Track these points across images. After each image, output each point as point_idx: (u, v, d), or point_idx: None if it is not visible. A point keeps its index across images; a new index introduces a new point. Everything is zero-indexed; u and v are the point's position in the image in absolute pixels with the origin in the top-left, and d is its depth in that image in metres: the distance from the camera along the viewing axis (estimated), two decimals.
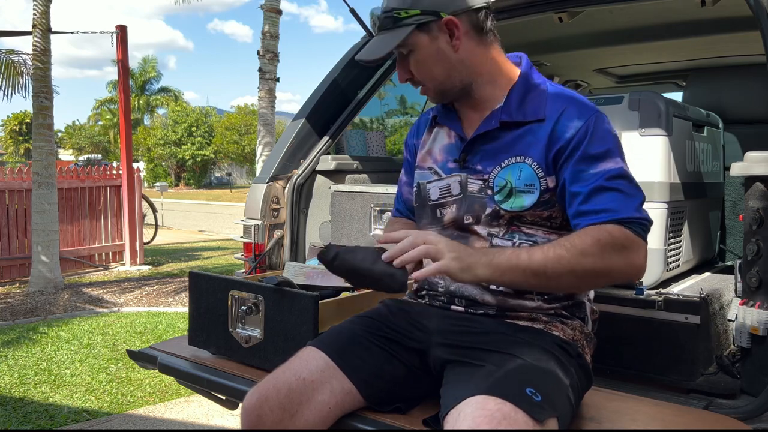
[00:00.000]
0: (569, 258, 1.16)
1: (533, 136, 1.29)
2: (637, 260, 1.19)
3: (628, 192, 1.22)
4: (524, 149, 1.30)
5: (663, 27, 2.72)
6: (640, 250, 1.19)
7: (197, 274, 1.74)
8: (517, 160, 1.30)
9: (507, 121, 1.31)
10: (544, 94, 1.32)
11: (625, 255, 1.18)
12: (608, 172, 1.22)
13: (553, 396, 1.15)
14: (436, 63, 1.32)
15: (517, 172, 1.30)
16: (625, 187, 1.22)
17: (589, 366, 1.33)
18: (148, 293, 6.09)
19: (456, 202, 1.37)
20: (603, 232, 1.18)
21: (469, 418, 1.06)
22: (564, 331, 1.30)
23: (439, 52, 1.31)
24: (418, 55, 1.32)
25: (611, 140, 1.25)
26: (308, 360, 1.30)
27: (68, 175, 7.44)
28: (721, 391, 1.65)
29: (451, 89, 1.35)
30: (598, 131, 1.25)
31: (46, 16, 6.21)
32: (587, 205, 1.22)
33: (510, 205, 1.30)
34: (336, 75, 2.58)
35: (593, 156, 1.23)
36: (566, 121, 1.27)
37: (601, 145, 1.24)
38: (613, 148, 1.25)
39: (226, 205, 21.29)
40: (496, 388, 1.11)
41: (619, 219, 1.19)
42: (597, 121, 1.26)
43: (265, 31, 6.74)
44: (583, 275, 1.18)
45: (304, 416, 1.25)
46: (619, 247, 1.17)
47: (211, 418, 3.10)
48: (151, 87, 40.58)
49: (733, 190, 2.44)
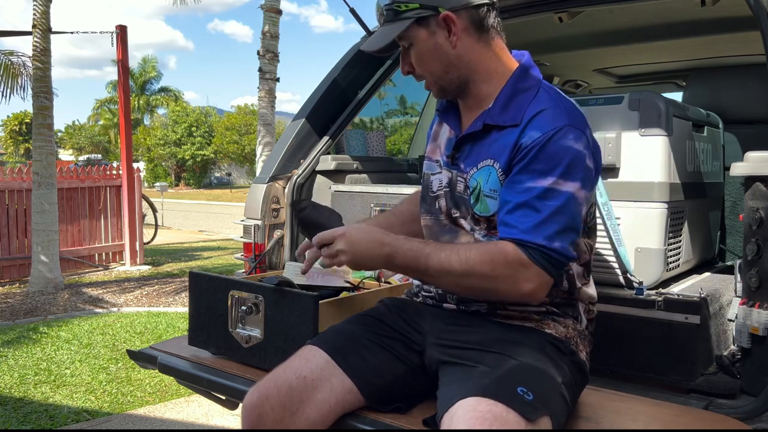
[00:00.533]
0: (459, 271, 1.21)
1: (506, 141, 1.27)
2: (524, 287, 1.18)
3: (548, 217, 1.17)
4: (496, 153, 1.28)
5: (663, 27, 2.72)
6: (530, 277, 1.17)
7: (197, 274, 1.74)
8: (489, 163, 1.29)
9: (489, 124, 1.30)
10: (529, 98, 1.28)
11: (512, 279, 1.18)
12: (540, 191, 1.18)
13: (546, 394, 1.15)
14: (433, 58, 1.32)
15: (486, 175, 1.29)
16: (547, 210, 1.17)
17: (583, 363, 1.32)
18: (148, 293, 6.09)
19: (446, 196, 1.39)
20: (499, 251, 1.18)
21: (461, 420, 1.07)
22: (556, 329, 1.30)
23: (436, 47, 1.31)
24: (417, 49, 1.32)
25: (563, 159, 1.19)
26: (308, 358, 1.30)
27: (68, 175, 7.44)
28: (721, 391, 1.65)
29: (450, 85, 1.35)
30: (553, 146, 1.19)
31: (46, 16, 6.22)
32: (508, 216, 1.21)
33: (479, 208, 1.31)
34: (336, 75, 2.58)
35: (535, 170, 1.20)
36: (530, 129, 1.23)
37: (549, 161, 1.19)
38: (562, 168, 1.18)
39: (226, 205, 21.29)
40: (487, 389, 1.11)
41: (521, 240, 1.18)
42: (557, 136, 1.20)
43: (265, 31, 6.74)
44: (468, 289, 1.26)
45: (305, 414, 1.25)
46: (509, 270, 1.17)
47: (211, 418, 3.10)
48: (151, 87, 40.62)
49: (733, 190, 2.44)
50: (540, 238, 1.17)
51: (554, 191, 1.18)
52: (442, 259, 1.22)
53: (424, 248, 1.25)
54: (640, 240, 1.86)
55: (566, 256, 1.20)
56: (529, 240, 1.17)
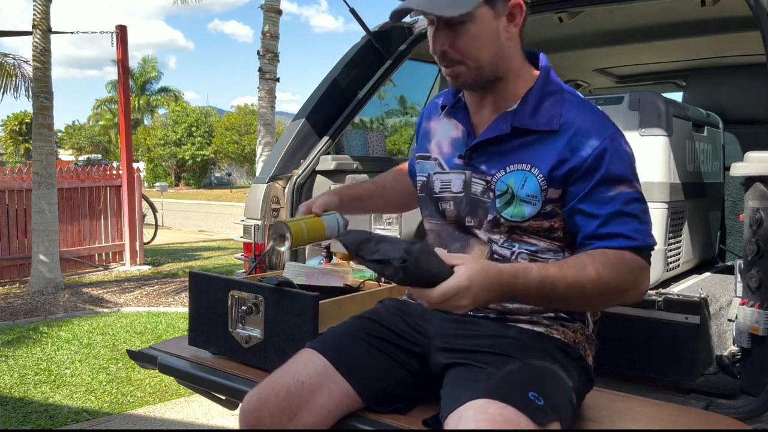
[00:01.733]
0: (591, 290, 1.14)
1: (544, 147, 1.24)
2: (645, 286, 1.21)
3: (643, 219, 1.21)
4: (533, 158, 1.24)
5: (663, 27, 2.72)
6: (646, 277, 1.22)
7: (197, 274, 1.74)
8: (524, 167, 1.25)
9: (519, 127, 1.26)
10: (560, 103, 1.26)
11: (636, 284, 1.19)
12: (626, 196, 1.21)
13: (556, 400, 1.14)
14: (487, 43, 1.23)
15: (521, 180, 1.25)
16: (641, 213, 1.21)
17: (590, 368, 1.32)
18: (148, 293, 6.09)
19: (456, 200, 1.34)
20: (621, 262, 1.18)
21: (471, 421, 1.05)
22: (565, 334, 1.29)
23: (495, 33, 1.23)
24: (475, 28, 1.21)
25: (629, 162, 1.23)
26: (307, 362, 1.29)
27: (68, 175, 7.44)
28: (721, 391, 1.65)
29: (488, 76, 1.26)
30: (618, 152, 1.22)
31: (46, 16, 6.21)
32: (605, 228, 1.20)
33: (510, 213, 1.26)
34: (336, 75, 2.58)
35: (612, 179, 1.21)
36: (582, 137, 1.21)
37: (620, 167, 1.21)
38: (631, 171, 1.23)
39: (226, 205, 21.29)
40: (498, 392, 1.10)
41: (635, 246, 1.19)
42: (616, 142, 1.22)
43: (265, 31, 6.74)
44: (596, 305, 1.26)
45: (303, 419, 1.24)
46: (633, 276, 1.19)
47: (211, 418, 3.10)
48: (151, 87, 40.58)
49: (733, 190, 2.44)
50: (648, 239, 1.21)
51: (634, 193, 1.22)
52: (570, 283, 1.13)
53: (547, 277, 1.12)
54: None
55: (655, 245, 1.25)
56: (640, 244, 1.20)
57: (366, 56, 2.60)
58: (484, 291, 1.07)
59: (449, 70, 1.27)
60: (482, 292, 1.07)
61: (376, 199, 1.64)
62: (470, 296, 1.05)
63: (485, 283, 1.07)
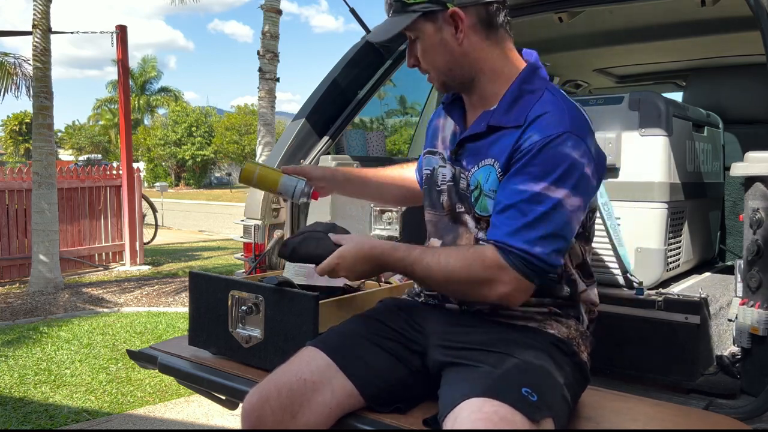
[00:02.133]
0: (440, 278, 1.25)
1: (506, 141, 1.26)
2: (500, 290, 1.19)
3: (532, 222, 1.17)
4: (497, 153, 1.27)
5: (663, 27, 2.72)
6: (507, 281, 1.18)
7: (197, 274, 1.74)
8: (489, 162, 1.28)
9: (493, 125, 1.29)
10: (534, 100, 1.27)
11: (489, 283, 1.19)
12: (529, 195, 1.18)
13: (549, 395, 1.14)
14: (439, 53, 1.31)
15: (486, 174, 1.28)
16: (533, 215, 1.17)
17: (585, 364, 1.32)
18: (148, 293, 6.09)
19: (449, 192, 1.39)
20: (477, 256, 1.21)
21: (466, 421, 1.06)
22: (559, 330, 1.30)
23: (442, 43, 1.30)
24: (423, 42, 1.32)
25: (559, 165, 1.17)
26: (309, 360, 1.30)
27: (68, 175, 7.45)
28: (721, 391, 1.65)
29: (453, 81, 1.35)
30: (550, 151, 1.18)
31: (46, 16, 6.21)
32: (495, 217, 1.23)
33: (480, 207, 1.30)
34: (336, 75, 2.58)
35: (529, 173, 1.19)
36: (531, 131, 1.22)
37: (543, 166, 1.18)
38: (555, 175, 1.17)
39: (226, 205, 21.29)
40: (492, 390, 1.11)
41: (502, 243, 1.18)
42: (556, 141, 1.18)
43: (265, 31, 6.74)
44: (451, 292, 1.33)
45: (305, 417, 1.25)
46: (486, 273, 1.19)
47: (211, 418, 3.10)
48: (151, 87, 40.60)
49: (733, 190, 2.44)
50: (520, 242, 1.17)
51: (543, 196, 1.17)
52: (424, 267, 1.25)
53: (409, 257, 1.27)
54: (640, 240, 1.86)
55: (548, 263, 1.18)
56: (510, 243, 1.18)
57: (366, 56, 2.60)
58: (357, 264, 1.31)
59: (427, 78, 1.39)
60: (355, 265, 1.31)
61: (371, 187, 1.71)
62: (344, 269, 1.31)
63: (356, 258, 1.30)
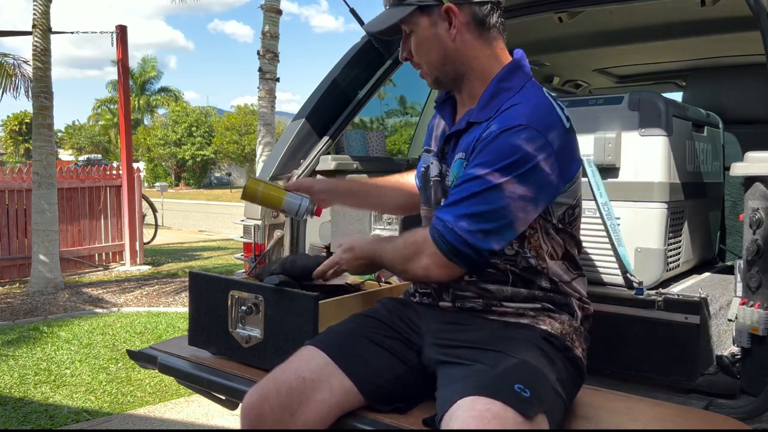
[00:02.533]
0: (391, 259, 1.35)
1: (474, 134, 1.30)
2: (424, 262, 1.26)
3: (464, 199, 1.21)
4: (465, 146, 1.32)
5: (663, 27, 2.72)
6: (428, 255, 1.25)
7: (197, 274, 1.74)
8: (461, 156, 1.32)
9: (471, 122, 1.32)
10: (508, 96, 1.28)
11: (416, 256, 1.28)
12: (469, 176, 1.22)
13: (540, 391, 1.15)
14: (432, 48, 1.33)
15: (459, 168, 1.32)
16: (466, 193, 1.21)
17: (579, 359, 1.32)
18: (148, 293, 6.09)
19: (439, 187, 1.41)
20: (411, 233, 1.32)
21: (460, 420, 1.07)
22: (551, 325, 1.30)
23: (436, 38, 1.31)
24: (417, 36, 1.33)
25: (507, 156, 1.18)
26: (308, 359, 1.30)
27: (68, 175, 7.45)
28: (721, 391, 1.65)
29: (444, 77, 1.36)
30: (501, 141, 1.20)
31: (46, 16, 6.21)
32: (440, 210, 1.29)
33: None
34: (336, 75, 2.58)
35: (479, 162, 1.22)
36: (493, 123, 1.24)
37: (492, 155, 1.20)
38: (501, 164, 1.18)
39: (226, 205, 21.29)
40: (485, 388, 1.11)
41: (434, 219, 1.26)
42: (508, 132, 1.20)
43: (265, 31, 6.74)
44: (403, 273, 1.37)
45: (304, 415, 1.25)
46: (415, 247, 1.28)
47: (211, 418, 3.10)
48: (151, 87, 40.59)
49: (733, 190, 2.44)
50: (447, 215, 1.23)
51: (481, 179, 1.20)
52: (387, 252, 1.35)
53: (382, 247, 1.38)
54: (640, 240, 1.86)
55: (469, 242, 1.20)
56: (438, 216, 1.24)
57: (366, 56, 2.60)
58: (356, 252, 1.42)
59: (419, 73, 1.40)
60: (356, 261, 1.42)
61: (372, 196, 1.75)
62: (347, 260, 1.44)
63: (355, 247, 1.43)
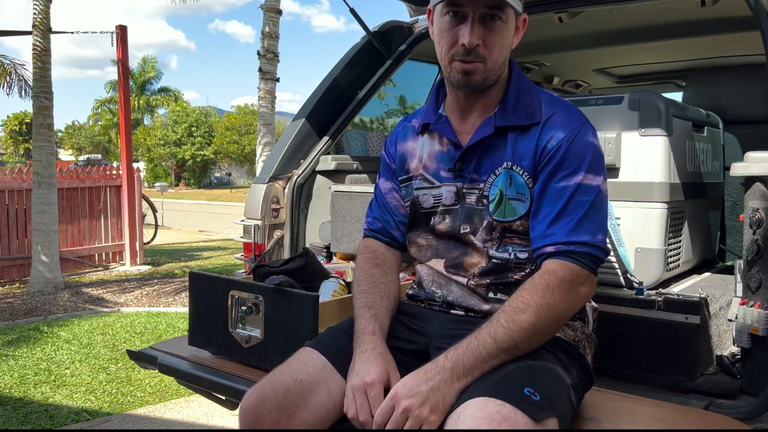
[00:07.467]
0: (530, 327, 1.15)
1: (524, 142, 1.29)
2: (582, 291, 1.21)
3: (587, 214, 1.22)
4: (516, 156, 1.29)
5: (663, 27, 2.72)
6: (583, 281, 1.21)
7: (197, 274, 1.74)
8: (508, 165, 1.29)
9: (502, 126, 1.30)
10: (536, 97, 1.32)
11: (572, 292, 1.20)
12: (573, 189, 1.23)
13: (553, 396, 1.14)
14: (504, 47, 1.30)
15: (508, 179, 1.29)
16: (586, 207, 1.22)
17: (590, 367, 1.32)
18: (148, 293, 6.09)
19: (450, 212, 1.36)
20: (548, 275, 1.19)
21: (468, 420, 1.06)
22: (565, 332, 1.30)
23: (509, 37, 1.31)
24: (504, 28, 1.29)
25: (587, 154, 1.25)
26: (305, 361, 1.29)
27: (68, 175, 7.45)
28: (721, 391, 1.65)
29: (491, 78, 1.31)
30: (578, 144, 1.25)
31: (46, 16, 6.21)
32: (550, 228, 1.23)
33: (502, 214, 1.30)
34: (336, 75, 2.58)
35: (566, 169, 1.24)
36: (551, 129, 1.27)
37: (577, 159, 1.24)
38: (587, 164, 1.24)
39: (226, 205, 21.29)
40: (495, 390, 1.10)
41: (564, 244, 1.21)
42: (580, 134, 1.26)
43: (266, 31, 6.74)
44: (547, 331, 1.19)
45: (302, 417, 1.24)
46: (565, 285, 1.19)
47: (211, 418, 3.10)
48: (151, 87, 40.57)
49: (733, 190, 2.44)
50: (585, 235, 1.21)
51: (586, 186, 1.23)
52: (507, 336, 1.15)
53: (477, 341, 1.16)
54: (640, 240, 1.86)
55: (605, 251, 1.24)
56: (573, 240, 1.21)
57: (366, 56, 2.60)
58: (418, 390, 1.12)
59: (469, 65, 1.28)
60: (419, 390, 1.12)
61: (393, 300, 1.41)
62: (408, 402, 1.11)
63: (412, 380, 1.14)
